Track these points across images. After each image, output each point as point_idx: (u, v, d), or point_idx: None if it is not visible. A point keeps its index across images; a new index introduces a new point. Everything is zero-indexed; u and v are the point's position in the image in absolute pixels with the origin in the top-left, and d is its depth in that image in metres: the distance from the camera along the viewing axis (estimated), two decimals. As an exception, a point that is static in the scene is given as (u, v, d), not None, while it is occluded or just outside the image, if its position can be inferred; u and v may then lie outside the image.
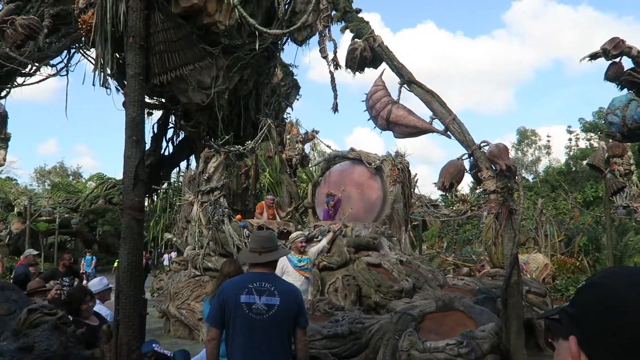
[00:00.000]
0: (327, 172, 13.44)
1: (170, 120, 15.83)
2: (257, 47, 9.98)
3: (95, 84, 9.62)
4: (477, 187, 17.28)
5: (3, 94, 12.33)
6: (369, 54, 6.63)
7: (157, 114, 15.69)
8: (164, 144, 15.94)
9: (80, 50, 12.48)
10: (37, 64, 12.03)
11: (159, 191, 17.16)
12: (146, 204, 17.16)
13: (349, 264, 9.67)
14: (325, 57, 7.06)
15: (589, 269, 15.29)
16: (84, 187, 42.61)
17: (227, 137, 12.85)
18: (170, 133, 16.02)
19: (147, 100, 13.94)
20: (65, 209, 32.16)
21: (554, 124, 79.71)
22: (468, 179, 6.39)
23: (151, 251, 29.10)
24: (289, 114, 15.62)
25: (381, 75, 6.83)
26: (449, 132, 6.12)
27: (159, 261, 29.14)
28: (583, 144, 37.88)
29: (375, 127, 6.81)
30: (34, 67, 12.12)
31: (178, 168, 17.15)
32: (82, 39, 10.42)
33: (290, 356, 3.68)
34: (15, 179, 49.14)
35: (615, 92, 6.71)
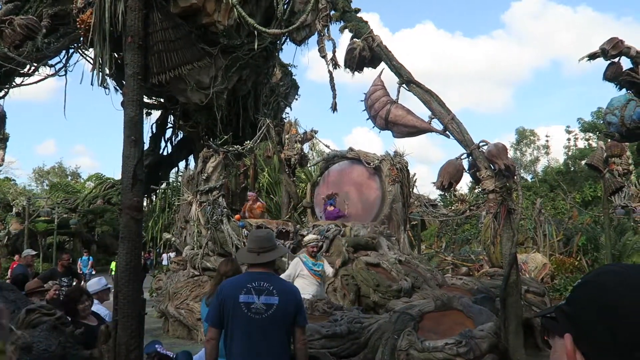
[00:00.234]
0: (326, 171, 13.44)
1: (169, 120, 15.81)
2: (256, 46, 9.97)
3: (93, 83, 9.61)
4: (476, 186, 17.28)
5: (1, 94, 12.30)
6: (367, 53, 6.63)
7: (155, 114, 15.66)
8: (163, 144, 15.91)
9: (79, 50, 12.45)
10: (35, 64, 12.01)
11: (158, 191, 17.14)
12: (145, 203, 17.17)
13: (347, 263, 9.67)
14: (324, 57, 7.05)
15: (587, 268, 15.29)
16: (82, 187, 42.60)
17: (226, 137, 12.84)
18: (169, 133, 15.99)
19: (146, 100, 13.92)
20: (64, 209, 32.14)
21: (553, 123, 79.94)
22: (467, 178, 6.40)
23: (150, 251, 29.08)
24: (287, 113, 15.61)
25: (380, 75, 6.83)
26: (447, 132, 6.12)
27: (157, 261, 29.13)
28: (582, 143, 37.99)
29: (374, 127, 6.81)
30: (32, 67, 12.09)
31: (177, 168, 17.12)
32: (81, 38, 10.40)
33: (289, 355, 3.68)
34: (14, 179, 49.12)
35: (614, 92, 6.72)
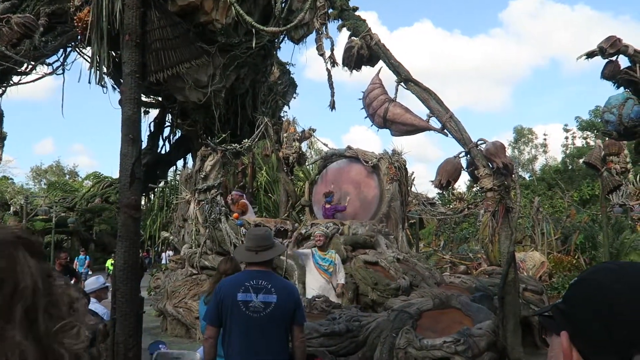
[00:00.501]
0: (324, 170, 13.44)
1: (167, 119, 15.79)
2: (254, 45, 9.97)
3: (91, 82, 9.61)
4: (474, 185, 17.29)
5: (-1, 92, 12.27)
6: (365, 52, 6.63)
7: (153, 112, 15.64)
8: (161, 142, 15.89)
9: (77, 49, 12.43)
10: (33, 63, 11.97)
11: (156, 190, 17.13)
12: (143, 202, 17.13)
13: (346, 262, 9.67)
14: (322, 55, 7.05)
15: (585, 266, 15.32)
16: (80, 186, 42.55)
17: (224, 135, 12.83)
18: (166, 131, 15.97)
19: (144, 98, 13.90)
20: (62, 208, 32.10)
21: (551, 122, 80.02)
22: (465, 177, 6.41)
23: (148, 250, 29.06)
24: (285, 112, 15.61)
25: (378, 73, 6.83)
26: (445, 130, 6.12)
27: (155, 259, 29.12)
28: (579, 142, 38.06)
29: (372, 125, 6.81)
30: (29, 66, 12.06)
31: (175, 166, 17.11)
32: (78, 37, 10.38)
33: (287, 354, 3.68)
34: (12, 178, 49.06)
35: (612, 91, 6.73)
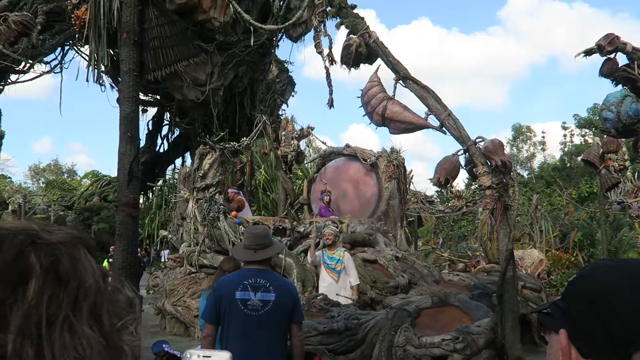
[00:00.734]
0: (323, 168, 13.43)
1: (165, 117, 15.76)
2: (252, 43, 9.96)
3: (89, 80, 9.57)
4: (473, 183, 17.30)
5: (-4, 91, 12.24)
6: (364, 50, 6.62)
7: (151, 111, 15.61)
8: (159, 141, 15.87)
9: (75, 47, 12.40)
10: (30, 61, 11.93)
11: (154, 188, 17.10)
12: (141, 201, 17.12)
13: (344, 260, 9.67)
14: (321, 53, 7.05)
15: (583, 264, 15.33)
16: (78, 185, 42.49)
17: (223, 133, 12.80)
18: (165, 130, 15.94)
19: (142, 97, 13.85)
20: (60, 207, 32.06)
21: (549, 120, 79.97)
22: (463, 175, 6.42)
23: (146, 248, 29.04)
24: (284, 110, 15.55)
25: (376, 71, 6.83)
26: (444, 128, 6.12)
27: (154, 258, 29.09)
28: (578, 140, 38.03)
29: (371, 124, 6.81)
30: (27, 65, 12.03)
31: (173, 165, 17.09)
32: (76, 35, 10.36)
33: (285, 352, 3.69)
34: (10, 177, 49.01)
35: (610, 88, 6.73)
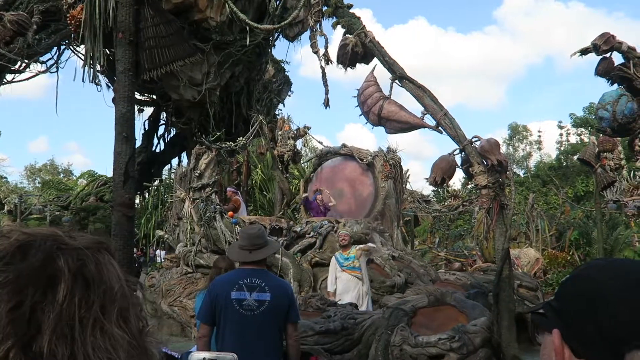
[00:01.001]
0: (319, 168, 13.43)
1: (162, 117, 15.74)
2: (248, 42, 9.96)
3: (84, 80, 9.57)
4: (469, 182, 17.32)
5: (-8, 91, 12.21)
6: (360, 49, 6.62)
7: (148, 110, 15.60)
8: (155, 140, 15.86)
9: (70, 47, 12.37)
10: (26, 61, 11.91)
11: (151, 188, 17.08)
12: (138, 201, 17.08)
13: (341, 259, 9.67)
14: (317, 52, 7.04)
15: (579, 263, 15.35)
16: (74, 185, 42.34)
17: (219, 133, 12.79)
18: (161, 130, 15.93)
19: (138, 97, 13.86)
20: (56, 207, 31.92)
21: (545, 119, 79.54)
22: (460, 174, 6.42)
23: (142, 249, 28.98)
24: (280, 110, 15.60)
25: (373, 71, 6.83)
26: (440, 128, 6.13)
27: (150, 258, 29.00)
28: (574, 139, 38.05)
29: (367, 123, 6.81)
30: (23, 64, 12.00)
31: (169, 165, 17.07)
32: (72, 35, 10.33)
33: (281, 352, 3.68)
34: (5, 177, 48.83)
35: (606, 87, 6.74)
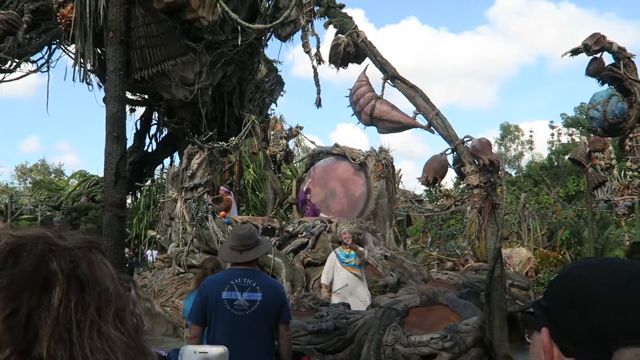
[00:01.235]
0: (312, 168, 13.42)
1: (154, 117, 15.69)
2: (240, 42, 9.95)
3: (75, 79, 9.52)
4: (461, 182, 17.37)
5: (-18, 90, 12.12)
6: (352, 49, 6.62)
7: (140, 110, 15.55)
8: (147, 140, 15.81)
9: (61, 46, 12.31)
10: (17, 60, 11.86)
11: (143, 188, 17.03)
12: (129, 201, 17.01)
13: (333, 259, 9.67)
14: (308, 52, 7.04)
15: (571, 262, 15.43)
16: (66, 185, 42.10)
17: (211, 133, 12.77)
18: (153, 130, 15.89)
19: (130, 96, 13.81)
20: (47, 207, 31.75)
21: (537, 119, 79.97)
22: (452, 174, 6.43)
23: (134, 249, 28.86)
24: (273, 110, 15.61)
25: (365, 70, 6.83)
26: (432, 127, 6.13)
27: (142, 259, 28.89)
28: (565, 139, 38.25)
29: (359, 123, 6.81)
30: (13, 63, 11.94)
31: (161, 165, 17.02)
32: (63, 34, 10.28)
33: (273, 352, 3.67)
34: (-4, 177, 48.48)
35: (597, 88, 6.78)
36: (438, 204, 21.04)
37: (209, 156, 11.58)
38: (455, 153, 6.05)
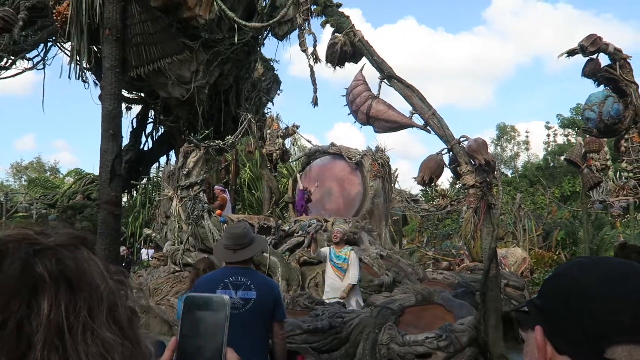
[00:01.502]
0: (308, 167, 13.42)
1: (150, 115, 15.67)
2: (237, 40, 9.94)
3: (71, 77, 9.49)
4: (457, 181, 17.39)
5: (-23, 87, 12.09)
6: (349, 48, 6.61)
7: (136, 108, 15.53)
8: (143, 138, 15.79)
9: (57, 43, 12.28)
10: (13, 57, 11.81)
11: (138, 186, 16.98)
12: (125, 199, 16.96)
13: (329, 258, 9.67)
14: (305, 51, 7.03)
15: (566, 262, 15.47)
16: (61, 183, 41.96)
17: (207, 131, 12.75)
18: (149, 128, 15.86)
19: (127, 94, 13.79)
20: (43, 205, 31.63)
21: (533, 119, 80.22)
22: (447, 173, 6.44)
23: (130, 247, 28.77)
24: (269, 108, 15.57)
25: (361, 70, 6.82)
26: (428, 127, 6.14)
27: (137, 257, 28.81)
28: (561, 139, 38.33)
29: (356, 122, 6.81)
30: (9, 61, 11.90)
31: (157, 163, 16.99)
32: (58, 31, 10.25)
33: (267, 350, 3.67)
34: (-9, 175, 48.33)
35: (593, 88, 6.79)
36: (434, 203, 21.07)
37: (205, 155, 11.57)
38: (451, 153, 6.05)
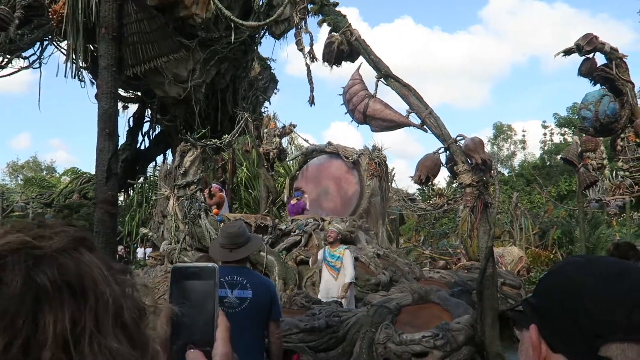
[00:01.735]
0: (305, 166, 13.43)
1: (146, 114, 15.63)
2: (233, 39, 9.92)
3: (67, 75, 9.47)
4: (454, 181, 17.41)
5: (-27, 86, 12.05)
6: (346, 47, 6.61)
7: (132, 107, 15.49)
8: (140, 137, 15.75)
9: (54, 42, 12.24)
10: (8, 56, 11.77)
11: (135, 185, 16.95)
12: (122, 198, 16.94)
13: (326, 257, 9.68)
14: (302, 50, 7.02)
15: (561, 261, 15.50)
16: (57, 182, 41.87)
17: (204, 131, 12.73)
18: (146, 127, 15.82)
19: (123, 93, 13.76)
20: (39, 204, 31.54)
21: (529, 119, 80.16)
22: (444, 172, 6.45)
23: (126, 246, 28.75)
24: (266, 108, 15.55)
25: (358, 69, 6.82)
26: (425, 126, 6.14)
27: (134, 256, 28.79)
28: (557, 138, 38.47)
29: (353, 121, 6.81)
30: (5, 59, 11.86)
31: (154, 162, 16.96)
32: (54, 30, 10.22)
33: (263, 350, 3.67)
34: (-13, 174, 48.19)
35: (589, 88, 6.82)
36: (431, 202, 21.10)
37: (202, 154, 11.56)
38: (448, 152, 6.06)
